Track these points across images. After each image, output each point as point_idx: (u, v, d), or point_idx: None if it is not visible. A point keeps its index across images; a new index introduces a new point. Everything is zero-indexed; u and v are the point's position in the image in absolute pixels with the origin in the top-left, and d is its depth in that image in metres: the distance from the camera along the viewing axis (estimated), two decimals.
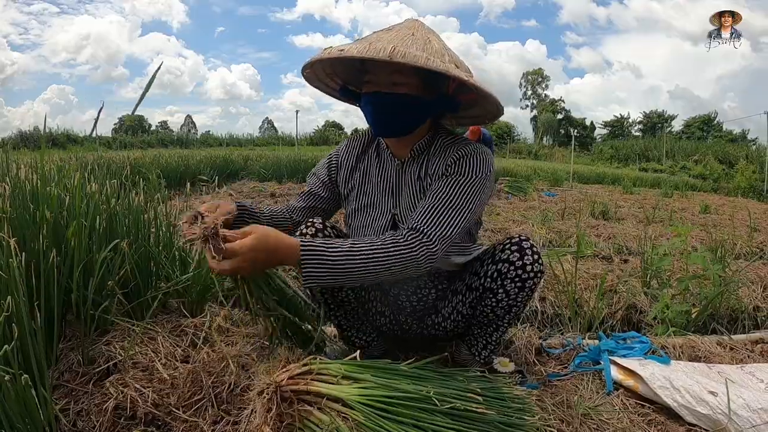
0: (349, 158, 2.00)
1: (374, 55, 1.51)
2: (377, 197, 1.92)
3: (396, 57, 1.49)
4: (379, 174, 1.94)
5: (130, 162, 7.39)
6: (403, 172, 1.89)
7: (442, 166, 1.78)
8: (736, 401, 1.67)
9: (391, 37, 1.63)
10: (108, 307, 2.02)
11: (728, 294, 3.07)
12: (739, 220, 7.57)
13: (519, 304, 1.85)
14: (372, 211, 1.93)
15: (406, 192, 1.87)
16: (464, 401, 1.37)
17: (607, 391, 1.90)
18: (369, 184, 1.95)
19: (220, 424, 1.56)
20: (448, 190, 1.69)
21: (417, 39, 1.63)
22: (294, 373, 1.38)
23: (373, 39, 1.63)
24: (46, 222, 1.96)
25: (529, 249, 1.80)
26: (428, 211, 1.64)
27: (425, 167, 1.84)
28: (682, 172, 24.71)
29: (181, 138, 41.23)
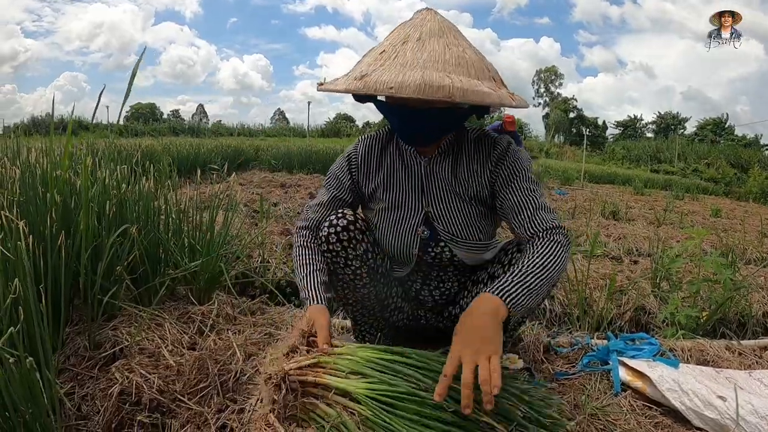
0: (370, 158, 1.92)
1: (433, 95, 1.40)
2: (405, 196, 1.86)
3: (456, 97, 1.41)
4: (405, 173, 1.87)
5: (142, 149, 7.40)
6: (431, 170, 1.83)
7: (488, 168, 1.78)
8: (745, 407, 1.66)
9: (430, 55, 1.51)
10: (116, 292, 2.02)
11: (738, 299, 3.05)
12: (750, 225, 7.53)
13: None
14: (401, 211, 1.87)
15: (437, 189, 1.83)
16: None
17: (614, 391, 1.89)
18: (395, 182, 1.88)
19: (225, 412, 1.56)
20: (526, 189, 1.72)
21: (457, 57, 1.53)
22: (302, 363, 1.38)
23: (413, 61, 1.49)
24: (55, 205, 1.96)
25: None
26: (535, 211, 1.67)
27: (458, 164, 1.82)
28: (694, 175, 24.61)
29: (193, 127, 41.40)
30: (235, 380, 1.71)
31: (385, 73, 1.46)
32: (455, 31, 1.65)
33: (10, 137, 3.66)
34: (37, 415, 1.34)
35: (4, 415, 1.27)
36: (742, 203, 14.13)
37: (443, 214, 1.82)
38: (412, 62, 1.49)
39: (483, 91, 1.46)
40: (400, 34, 1.61)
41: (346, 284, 1.86)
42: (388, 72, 1.46)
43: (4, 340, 1.31)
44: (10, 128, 19.65)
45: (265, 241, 3.51)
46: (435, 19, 1.64)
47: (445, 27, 1.62)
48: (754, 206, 13.31)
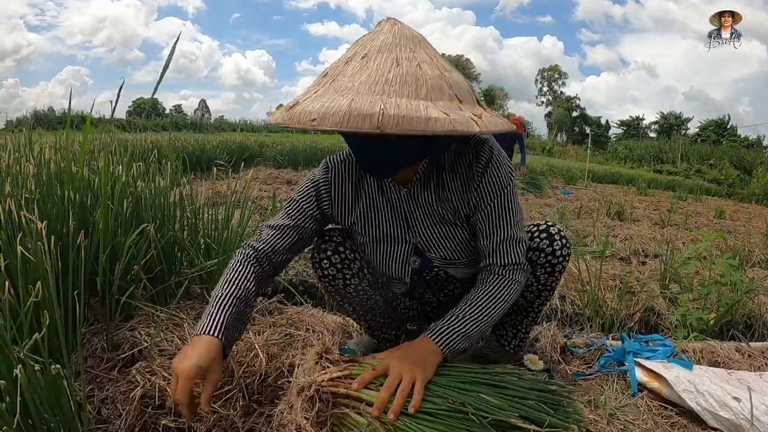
0: (344, 189, 1.72)
1: (359, 126, 1.17)
2: (390, 229, 1.71)
3: (387, 127, 1.16)
4: (386, 205, 1.70)
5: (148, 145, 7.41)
6: (413, 199, 1.67)
7: (469, 185, 1.62)
8: (759, 407, 1.67)
9: (371, 76, 1.26)
10: (133, 292, 2.02)
11: (746, 301, 3.06)
12: (754, 227, 7.53)
13: (548, 288, 1.84)
14: (388, 244, 1.73)
15: (423, 219, 1.69)
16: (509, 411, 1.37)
17: (632, 392, 1.90)
18: (376, 216, 1.71)
19: (252, 416, 1.56)
20: (501, 214, 1.62)
21: (405, 74, 1.27)
22: (334, 375, 1.39)
23: (349, 85, 1.25)
24: (72, 204, 1.97)
25: (557, 234, 1.77)
26: (502, 243, 1.62)
27: (441, 187, 1.65)
28: (697, 175, 24.59)
29: (195, 122, 41.28)
30: (260, 382, 1.71)
31: (313, 102, 1.24)
32: (416, 41, 1.38)
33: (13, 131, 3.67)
34: (63, 422, 1.33)
35: (27, 423, 1.27)
36: (745, 205, 14.12)
37: (433, 243, 1.72)
38: (347, 86, 1.25)
39: (425, 118, 1.18)
40: (349, 52, 1.38)
41: (352, 301, 1.85)
42: (318, 100, 1.24)
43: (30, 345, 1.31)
44: (12, 122, 19.71)
45: None
46: (392, 30, 1.38)
47: (403, 39, 1.36)
48: (758, 208, 13.30)
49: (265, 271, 1.65)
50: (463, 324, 1.53)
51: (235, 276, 1.56)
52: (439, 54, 1.43)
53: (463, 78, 1.41)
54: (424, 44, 1.39)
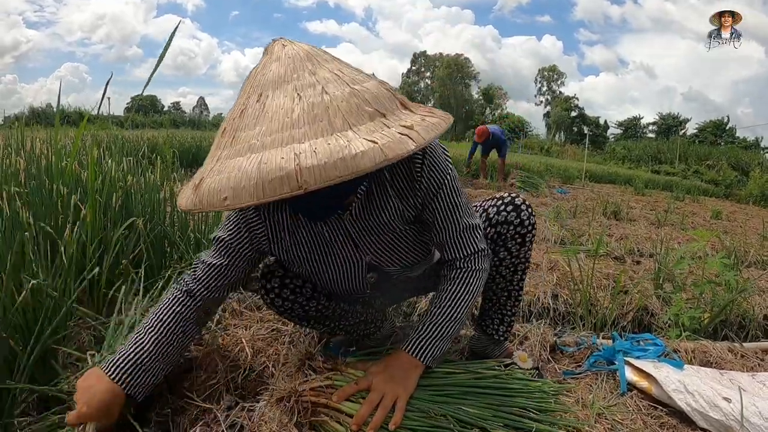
0: (280, 226, 1.57)
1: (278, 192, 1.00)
2: (340, 255, 1.60)
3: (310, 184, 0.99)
4: (330, 233, 1.56)
5: (144, 141, 7.41)
6: (356, 220, 1.54)
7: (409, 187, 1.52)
8: (749, 408, 1.67)
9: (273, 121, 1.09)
10: (121, 286, 2.01)
11: (740, 301, 3.05)
12: (750, 227, 7.53)
13: (523, 261, 1.84)
14: (340, 269, 1.63)
15: (370, 237, 1.58)
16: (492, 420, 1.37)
17: (621, 391, 1.89)
18: (323, 246, 1.59)
19: (235, 410, 1.55)
20: (449, 207, 1.55)
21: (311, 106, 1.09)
22: (315, 385, 1.39)
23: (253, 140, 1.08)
24: (61, 197, 1.96)
25: (523, 204, 1.76)
26: (457, 234, 1.59)
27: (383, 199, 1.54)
28: (695, 176, 24.57)
29: (193, 119, 41.34)
30: (244, 377, 1.70)
31: (219, 175, 1.08)
32: (312, 59, 1.22)
33: (10, 128, 3.66)
34: None
35: None
36: (743, 206, 14.11)
37: (385, 255, 1.63)
38: (249, 144, 1.08)
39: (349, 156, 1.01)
40: (242, 97, 1.20)
41: (320, 320, 1.79)
42: (223, 170, 1.08)
43: None
44: (10, 118, 19.68)
45: None
46: (281, 56, 1.22)
47: (297, 61, 1.20)
48: (755, 209, 13.29)
49: (200, 309, 1.58)
50: (438, 329, 1.56)
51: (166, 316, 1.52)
52: (343, 61, 1.29)
53: (379, 82, 1.24)
54: (321, 58, 1.24)
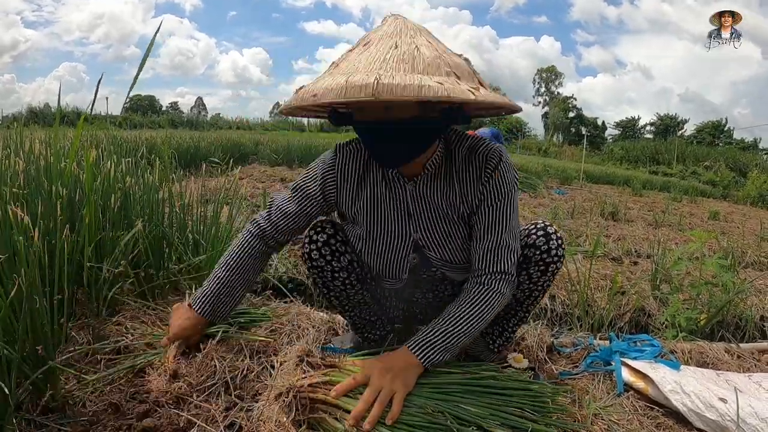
0: (349, 178, 1.73)
1: (356, 96, 1.25)
2: (392, 223, 1.72)
3: (382, 94, 1.23)
4: (389, 197, 1.70)
5: (142, 141, 7.39)
6: (418, 193, 1.68)
7: (476, 185, 1.64)
8: (745, 409, 1.67)
9: (370, 57, 1.37)
10: (120, 286, 2.02)
11: (737, 302, 3.06)
12: (748, 228, 7.54)
13: (540, 288, 1.84)
14: (388, 238, 1.73)
15: (426, 215, 1.70)
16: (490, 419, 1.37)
17: (617, 392, 1.89)
18: (379, 208, 1.72)
19: (233, 410, 1.55)
20: (498, 221, 1.63)
21: (403, 54, 1.36)
22: (314, 381, 1.39)
23: (350, 68, 1.36)
24: (60, 199, 1.96)
25: (554, 234, 1.77)
26: (493, 247, 1.63)
27: (449, 184, 1.67)
28: (692, 177, 24.58)
29: (191, 120, 41.19)
30: (243, 377, 1.70)
31: (316, 83, 1.36)
32: (417, 31, 1.48)
33: (9, 127, 3.66)
34: None
35: None
36: (740, 206, 14.11)
37: (434, 240, 1.72)
38: (347, 69, 1.36)
39: (418, 86, 1.25)
40: (355, 44, 1.51)
41: (339, 295, 1.85)
42: (321, 81, 1.35)
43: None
44: (8, 118, 19.65)
45: None
46: (395, 22, 1.50)
47: (404, 29, 1.46)
48: (752, 210, 13.31)
49: (270, 248, 1.83)
50: (445, 338, 1.55)
51: (239, 251, 1.79)
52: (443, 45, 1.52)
53: (465, 61, 1.49)
54: (425, 33, 1.49)
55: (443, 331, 1.56)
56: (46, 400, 1.48)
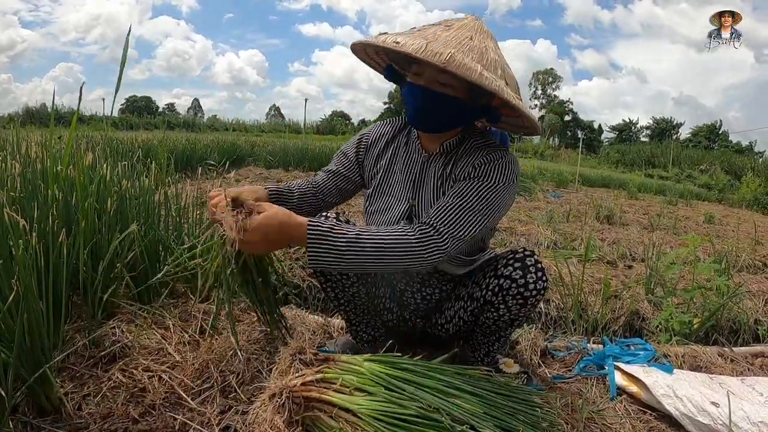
0: (379, 141, 1.96)
1: (430, 58, 1.46)
2: (398, 186, 1.88)
3: (451, 66, 1.46)
4: (404, 163, 1.89)
5: (139, 144, 7.38)
6: (428, 165, 1.83)
7: (469, 167, 1.72)
8: (737, 413, 1.68)
9: (448, 37, 1.56)
10: (116, 290, 2.02)
11: (731, 306, 3.07)
12: (743, 232, 7.55)
13: (521, 318, 1.81)
14: (391, 199, 1.89)
15: (428, 185, 1.82)
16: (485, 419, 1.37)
17: (610, 396, 1.91)
18: (393, 170, 1.90)
19: (228, 413, 1.56)
20: (469, 192, 1.63)
21: (474, 46, 1.57)
22: (307, 379, 1.39)
23: (430, 36, 1.55)
24: (56, 202, 1.96)
25: (533, 266, 1.73)
26: (445, 209, 1.60)
27: (451, 165, 1.79)
28: (688, 180, 24.63)
29: (188, 121, 41.06)
30: (238, 380, 1.71)
31: (398, 36, 1.56)
32: (489, 36, 1.69)
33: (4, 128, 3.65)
34: None
35: None
36: (735, 210, 14.14)
37: (425, 210, 1.80)
38: (428, 36, 1.55)
39: (479, 73, 1.49)
40: (436, 22, 1.71)
41: (334, 284, 1.88)
42: (402, 36, 1.56)
43: None
44: (4, 118, 19.62)
45: None
46: (475, 23, 1.70)
47: (480, 29, 1.68)
48: (747, 213, 13.34)
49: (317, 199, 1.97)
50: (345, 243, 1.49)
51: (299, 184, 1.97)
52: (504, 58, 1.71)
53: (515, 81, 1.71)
54: (494, 41, 1.70)
55: (348, 238, 1.49)
56: (42, 403, 1.49)
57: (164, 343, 1.89)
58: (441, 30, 1.62)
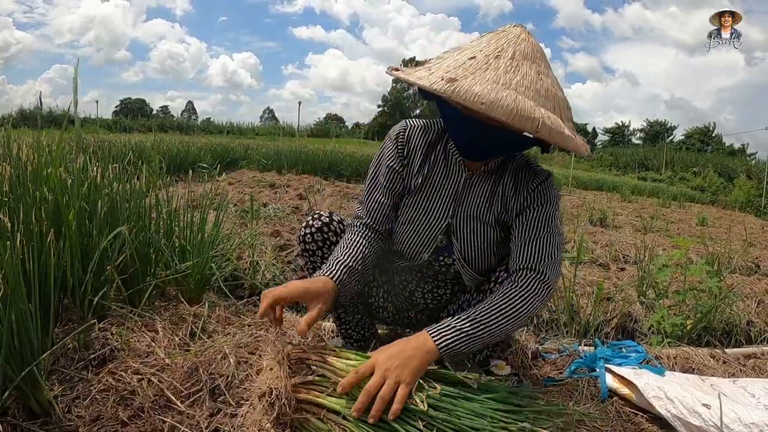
0: (417, 150, 1.81)
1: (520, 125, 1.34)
2: (437, 200, 1.80)
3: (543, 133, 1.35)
4: (444, 176, 1.80)
5: (132, 146, 7.37)
6: (470, 184, 1.77)
7: (519, 195, 1.72)
8: (729, 415, 1.67)
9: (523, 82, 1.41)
10: (106, 292, 2.01)
11: (723, 308, 3.08)
12: (735, 234, 7.58)
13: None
14: (428, 214, 1.80)
15: (469, 204, 1.77)
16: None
17: (601, 398, 1.90)
18: (432, 182, 1.80)
19: (217, 416, 1.55)
20: (539, 224, 1.66)
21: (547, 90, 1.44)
22: (297, 381, 1.39)
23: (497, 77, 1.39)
24: (45, 203, 1.95)
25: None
26: (533, 248, 1.62)
27: (497, 187, 1.76)
28: (681, 182, 24.73)
29: (182, 124, 41.00)
30: (227, 384, 1.70)
31: (477, 85, 1.35)
32: (544, 58, 1.55)
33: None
34: None
35: None
36: (728, 212, 14.23)
37: (464, 232, 1.78)
38: (505, 82, 1.39)
39: (565, 135, 1.38)
40: (492, 45, 1.49)
41: None
42: (480, 84, 1.35)
43: None
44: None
45: (255, 242, 3.51)
46: (529, 40, 1.53)
47: (537, 52, 1.52)
48: (740, 215, 13.41)
49: (377, 238, 1.82)
50: (470, 326, 1.47)
51: (349, 242, 1.74)
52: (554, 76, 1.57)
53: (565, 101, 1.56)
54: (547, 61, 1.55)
55: (470, 319, 1.48)
56: (31, 405, 1.48)
57: (154, 346, 1.88)
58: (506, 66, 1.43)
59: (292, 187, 8.18)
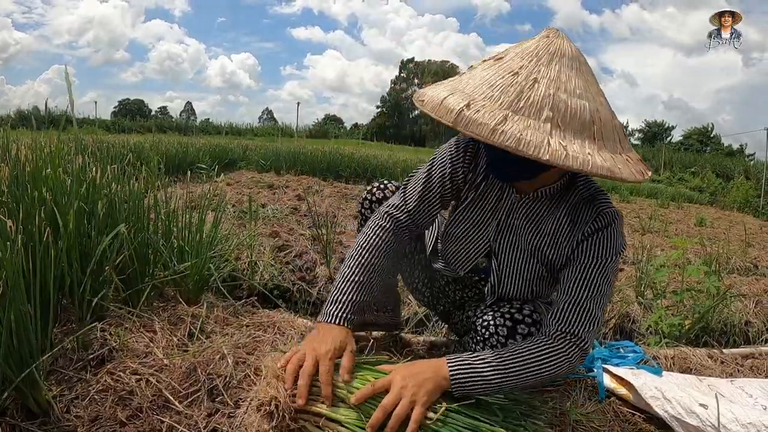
0: (477, 164, 1.71)
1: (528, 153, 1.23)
2: (484, 222, 1.72)
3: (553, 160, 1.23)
4: (495, 197, 1.69)
5: (130, 147, 7.36)
6: (517, 209, 1.66)
7: (573, 239, 1.58)
8: (726, 415, 1.68)
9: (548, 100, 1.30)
10: (104, 293, 2.01)
11: (721, 308, 3.08)
12: (733, 234, 7.59)
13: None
14: (473, 234, 1.75)
15: (514, 230, 1.68)
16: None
17: (599, 398, 1.91)
18: (481, 203, 1.71)
19: (215, 416, 1.55)
20: (586, 281, 1.52)
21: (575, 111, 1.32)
22: (295, 391, 1.38)
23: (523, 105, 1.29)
24: (44, 203, 1.95)
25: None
26: (572, 307, 1.49)
27: (548, 217, 1.63)
28: (679, 183, 24.69)
29: (180, 124, 40.91)
30: (225, 384, 1.70)
31: (486, 114, 1.27)
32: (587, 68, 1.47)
33: None
34: None
35: None
36: (727, 212, 14.22)
37: (504, 257, 1.71)
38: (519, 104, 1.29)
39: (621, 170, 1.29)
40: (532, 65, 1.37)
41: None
42: (489, 114, 1.27)
43: None
44: None
45: (254, 242, 3.50)
46: (570, 46, 1.44)
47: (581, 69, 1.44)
48: (738, 215, 13.41)
49: (403, 242, 1.76)
50: (489, 370, 1.40)
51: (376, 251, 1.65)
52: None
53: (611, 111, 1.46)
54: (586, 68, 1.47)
55: (492, 364, 1.41)
56: (30, 406, 1.48)
57: (152, 347, 1.88)
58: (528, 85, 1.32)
59: (290, 187, 8.17)
